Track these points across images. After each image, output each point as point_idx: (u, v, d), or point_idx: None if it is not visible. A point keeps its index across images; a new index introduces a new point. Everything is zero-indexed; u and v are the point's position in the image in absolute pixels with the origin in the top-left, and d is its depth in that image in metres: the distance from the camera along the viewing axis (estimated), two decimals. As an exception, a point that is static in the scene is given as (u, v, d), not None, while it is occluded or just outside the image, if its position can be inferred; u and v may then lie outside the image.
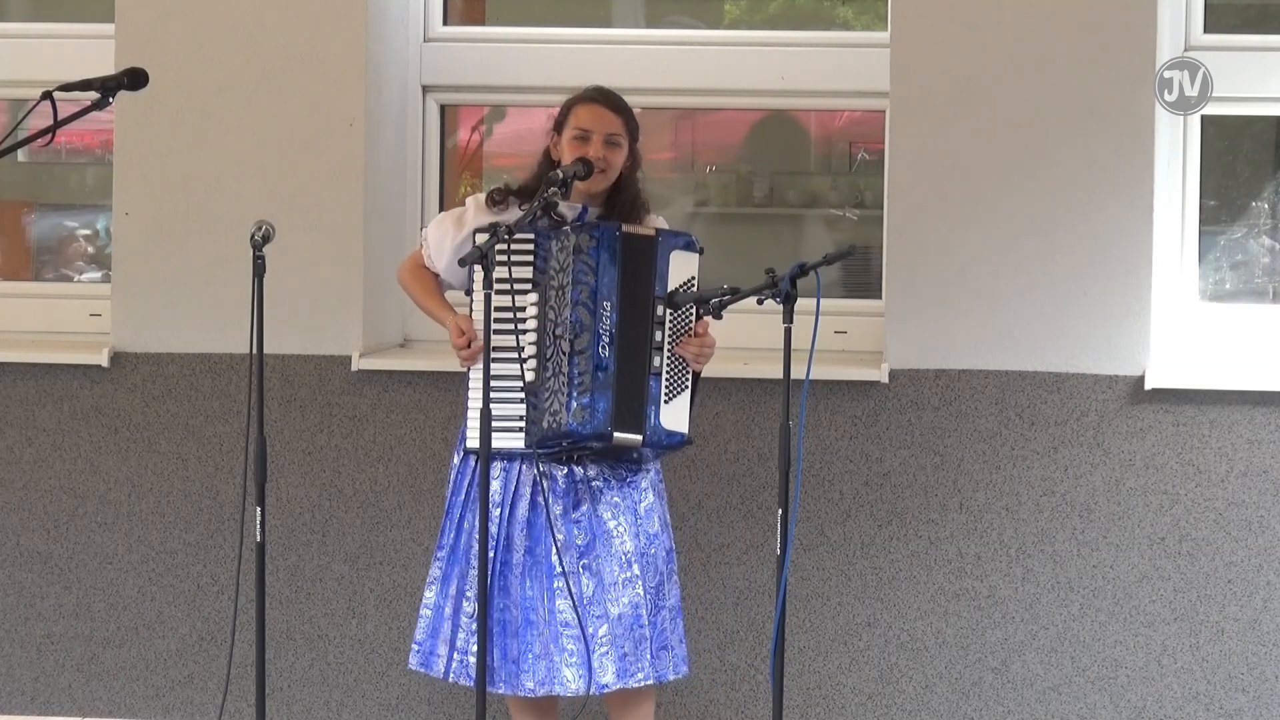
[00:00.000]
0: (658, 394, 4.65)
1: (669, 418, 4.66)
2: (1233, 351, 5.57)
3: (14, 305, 6.04)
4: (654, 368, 4.66)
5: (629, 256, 4.67)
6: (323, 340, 5.66)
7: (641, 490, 4.74)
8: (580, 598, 4.67)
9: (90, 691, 5.78)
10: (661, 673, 4.74)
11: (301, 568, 5.70)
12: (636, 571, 4.70)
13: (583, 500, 4.71)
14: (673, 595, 4.78)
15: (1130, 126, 5.38)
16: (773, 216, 6.48)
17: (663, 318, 4.66)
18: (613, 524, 4.71)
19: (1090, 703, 5.47)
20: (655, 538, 4.74)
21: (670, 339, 4.67)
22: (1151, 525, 5.43)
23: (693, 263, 4.69)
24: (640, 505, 4.74)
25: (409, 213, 5.92)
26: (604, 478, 4.72)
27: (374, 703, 5.70)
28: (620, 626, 4.68)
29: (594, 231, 4.68)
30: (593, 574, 4.69)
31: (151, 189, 5.70)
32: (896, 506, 5.51)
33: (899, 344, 5.49)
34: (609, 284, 4.66)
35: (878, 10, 6.07)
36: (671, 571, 4.79)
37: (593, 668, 4.66)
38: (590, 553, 4.70)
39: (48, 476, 5.76)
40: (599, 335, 4.65)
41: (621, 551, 4.70)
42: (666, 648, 4.75)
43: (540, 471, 4.69)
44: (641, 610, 4.70)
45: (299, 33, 5.63)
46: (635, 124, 4.83)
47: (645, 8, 6.55)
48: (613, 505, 4.72)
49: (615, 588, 4.69)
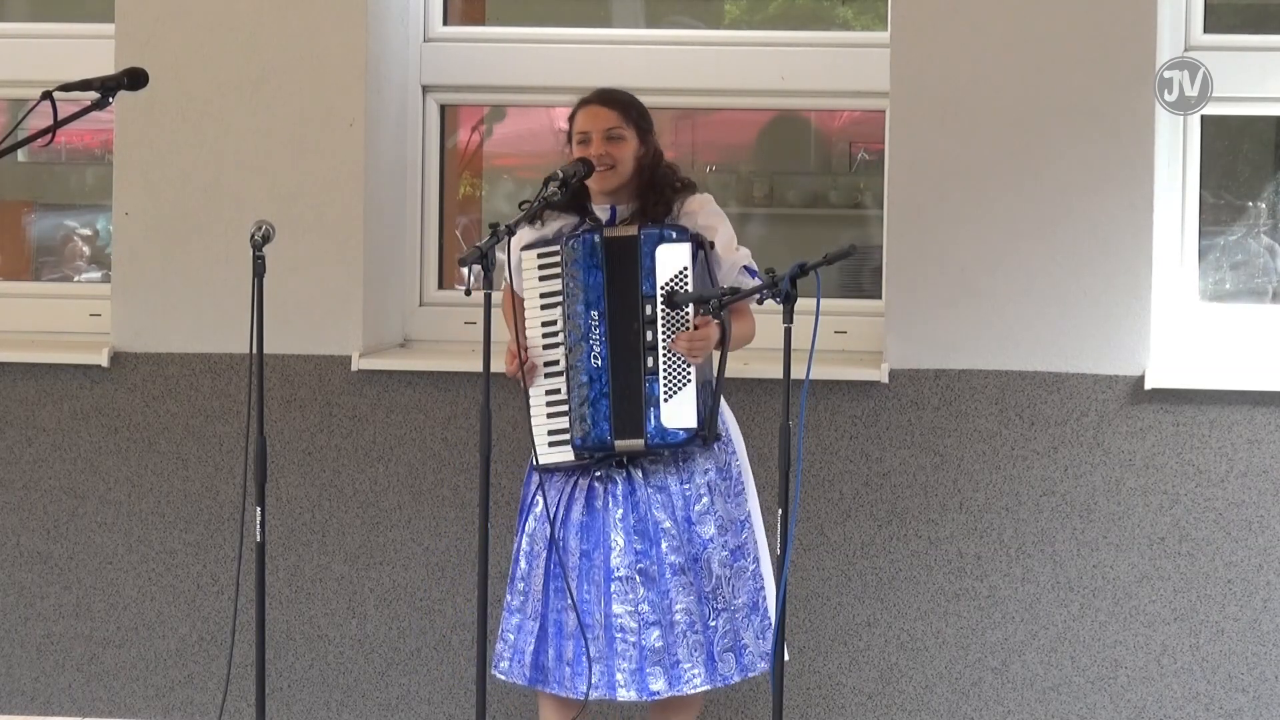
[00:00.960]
0: (656, 394, 4.64)
1: (670, 415, 4.64)
2: (1233, 351, 5.57)
3: (14, 305, 6.04)
4: (649, 368, 4.65)
5: (612, 261, 4.67)
6: (323, 340, 5.66)
7: (698, 493, 4.72)
8: (635, 603, 4.65)
9: (90, 691, 5.78)
10: (726, 676, 4.71)
11: (301, 568, 5.70)
12: (689, 578, 4.68)
13: (640, 504, 4.69)
14: (743, 593, 4.73)
15: (1130, 126, 5.38)
16: (773, 216, 6.48)
17: (654, 316, 4.64)
18: (668, 526, 4.69)
19: (1090, 703, 5.47)
20: (709, 542, 4.70)
21: (665, 335, 4.65)
22: (1151, 525, 5.43)
23: (683, 253, 4.64)
24: (694, 508, 4.72)
25: (409, 213, 5.92)
26: (662, 481, 4.71)
27: (374, 703, 5.70)
28: (672, 633, 4.67)
29: (577, 242, 4.69)
30: (648, 579, 4.67)
31: (151, 189, 5.70)
32: (896, 506, 5.51)
33: (899, 344, 5.49)
34: (596, 292, 4.66)
35: (878, 10, 6.07)
36: (741, 570, 4.73)
37: (646, 674, 4.65)
38: (646, 557, 4.68)
39: (48, 476, 5.76)
40: (590, 345, 4.66)
41: (674, 556, 4.68)
42: (734, 650, 4.72)
43: (598, 476, 4.70)
44: (695, 616, 4.68)
45: (299, 33, 5.63)
46: (641, 115, 4.79)
47: (645, 8, 6.55)
48: (669, 509, 4.70)
49: (669, 594, 4.67)
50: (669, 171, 4.82)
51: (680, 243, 4.65)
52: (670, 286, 4.64)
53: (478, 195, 6.49)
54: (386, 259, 5.79)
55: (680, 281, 4.64)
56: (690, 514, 4.71)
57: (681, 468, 4.72)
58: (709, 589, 4.69)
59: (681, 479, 4.72)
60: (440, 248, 5.99)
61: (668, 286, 4.64)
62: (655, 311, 4.65)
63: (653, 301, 4.65)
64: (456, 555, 5.64)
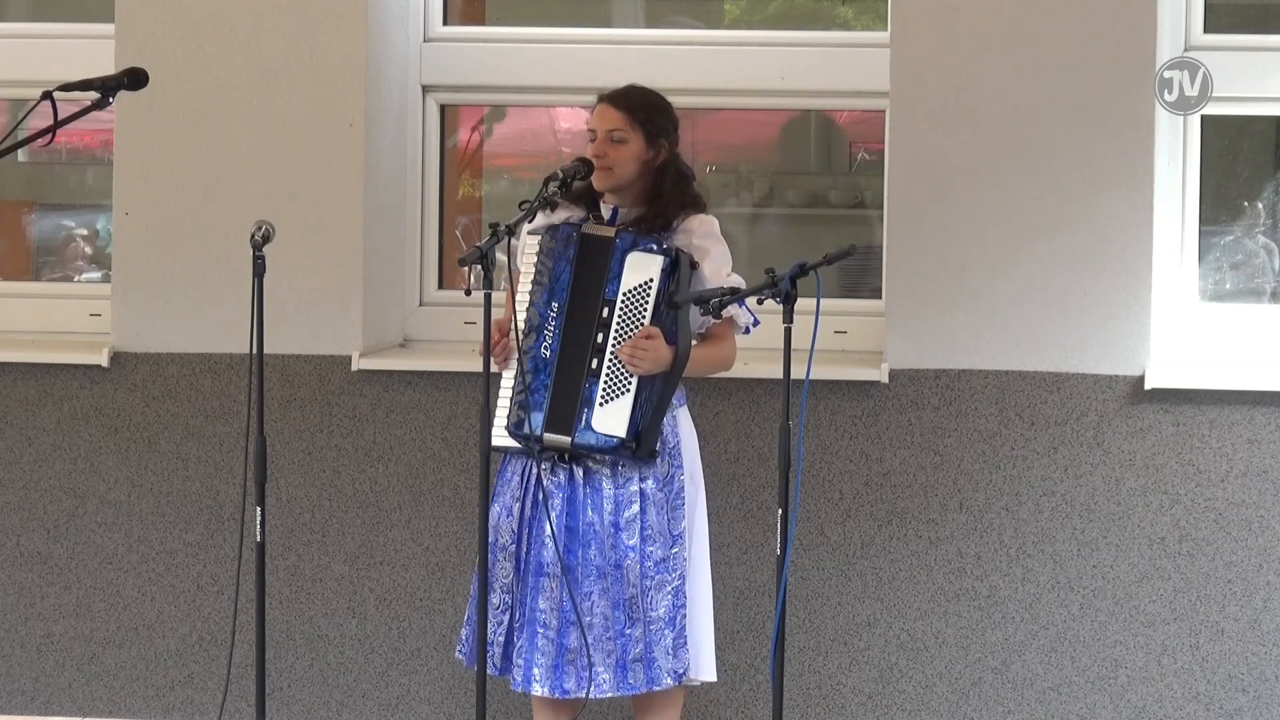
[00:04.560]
0: (593, 396, 4.60)
1: (602, 420, 4.59)
2: (1232, 351, 5.57)
3: (14, 305, 6.04)
4: (592, 369, 4.61)
5: (584, 257, 4.65)
6: (323, 340, 5.66)
7: (629, 499, 4.67)
8: (558, 600, 4.63)
9: (90, 691, 5.78)
10: (633, 686, 4.66)
11: (301, 568, 5.70)
12: (609, 583, 4.66)
13: (576, 502, 4.67)
14: (661, 607, 4.66)
15: (1130, 126, 5.38)
16: (773, 216, 6.48)
17: (608, 320, 4.61)
18: (598, 528, 4.66)
19: (1090, 703, 5.47)
20: (631, 550, 4.65)
21: (616, 341, 4.61)
22: (1151, 525, 5.43)
23: (653, 265, 4.58)
24: (624, 514, 4.68)
25: (409, 213, 5.92)
26: (599, 482, 4.68)
27: (374, 703, 5.70)
28: (590, 635, 4.64)
29: (555, 232, 4.69)
30: (573, 578, 4.65)
31: (151, 189, 5.70)
32: (896, 506, 5.51)
33: (899, 344, 5.49)
34: (563, 284, 4.65)
35: (878, 10, 6.07)
36: (663, 583, 4.67)
37: (561, 671, 4.64)
38: (572, 556, 4.65)
39: (48, 476, 5.76)
40: (543, 335, 4.65)
41: (598, 559, 4.65)
42: (643, 661, 4.67)
43: (545, 469, 4.69)
44: (610, 621, 4.65)
45: (299, 33, 5.63)
46: (650, 119, 4.72)
47: (645, 8, 6.55)
48: (600, 511, 4.67)
49: (591, 595, 4.65)
50: (682, 183, 4.77)
51: (653, 254, 4.60)
52: (632, 296, 4.60)
53: (478, 195, 6.49)
54: (386, 259, 5.79)
55: (643, 293, 4.59)
56: (619, 519, 4.66)
57: (618, 472, 4.67)
58: (626, 597, 4.65)
59: (616, 483, 4.67)
60: (440, 248, 5.99)
61: (630, 295, 4.60)
62: (611, 315, 4.61)
63: (611, 305, 4.61)
64: (456, 555, 5.64)
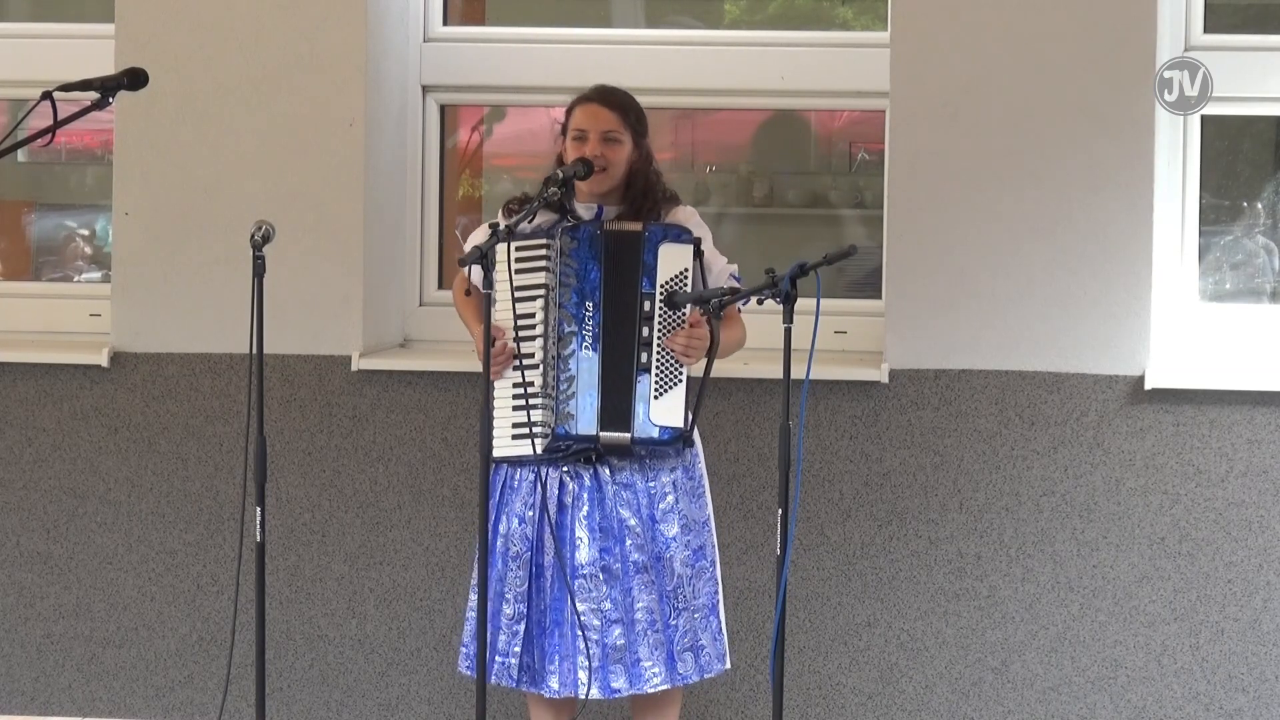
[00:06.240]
0: (646, 390, 4.64)
1: (659, 413, 4.64)
2: (1232, 351, 5.57)
3: (14, 305, 6.04)
4: (642, 364, 4.65)
5: (612, 254, 4.68)
6: (323, 340, 5.66)
7: (663, 491, 4.72)
8: (598, 601, 4.67)
9: (90, 691, 5.78)
10: (684, 675, 4.72)
11: (301, 568, 5.70)
12: (652, 576, 4.69)
13: (606, 501, 4.70)
14: (703, 594, 4.75)
15: (1130, 126, 5.39)
16: (773, 216, 6.48)
17: (650, 313, 4.65)
18: (633, 524, 4.69)
19: (1090, 703, 5.47)
20: (672, 541, 4.71)
21: (660, 333, 4.65)
22: (1151, 525, 5.43)
23: (685, 255, 4.66)
24: (659, 506, 4.72)
25: (409, 213, 5.92)
26: (629, 478, 4.71)
27: (374, 703, 5.70)
28: (634, 631, 4.68)
29: (575, 233, 4.69)
30: (612, 577, 4.68)
31: (151, 189, 5.70)
32: (896, 506, 5.51)
33: (899, 344, 5.49)
34: (593, 284, 4.67)
35: (878, 10, 6.07)
36: (702, 570, 4.75)
37: (608, 672, 4.66)
38: (610, 555, 4.69)
39: (48, 476, 5.76)
40: (582, 337, 4.67)
41: (637, 554, 4.69)
42: (693, 650, 4.73)
43: (566, 472, 4.70)
44: (656, 615, 4.69)
45: (299, 33, 5.63)
46: (638, 119, 4.80)
47: (645, 8, 6.55)
48: (634, 507, 4.70)
49: (631, 592, 4.68)
50: (657, 178, 4.84)
51: (684, 244, 4.67)
52: (670, 286, 4.65)
53: (478, 195, 6.49)
54: (386, 259, 5.80)
55: (680, 282, 4.65)
56: (655, 512, 4.71)
57: (647, 465, 4.72)
58: (670, 588, 4.70)
59: (647, 477, 4.72)
60: (440, 248, 5.99)
61: (668, 286, 4.65)
62: (653, 308, 4.65)
63: (651, 298, 4.65)
64: (456, 555, 5.64)
